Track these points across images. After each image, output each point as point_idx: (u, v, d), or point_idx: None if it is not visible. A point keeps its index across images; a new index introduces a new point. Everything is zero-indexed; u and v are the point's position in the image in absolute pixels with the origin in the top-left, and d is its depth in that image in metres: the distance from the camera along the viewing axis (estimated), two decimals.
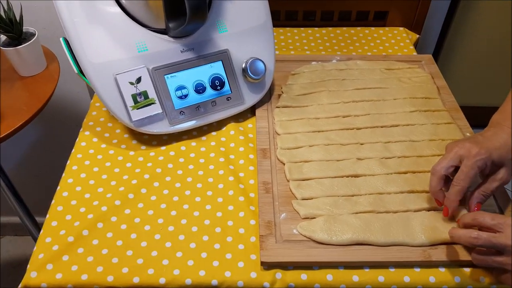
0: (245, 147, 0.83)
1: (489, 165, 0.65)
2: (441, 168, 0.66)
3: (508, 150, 0.66)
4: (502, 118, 0.69)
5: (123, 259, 0.67)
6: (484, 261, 0.60)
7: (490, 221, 0.59)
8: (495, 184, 0.67)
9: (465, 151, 0.65)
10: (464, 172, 0.64)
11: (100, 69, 0.77)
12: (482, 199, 0.67)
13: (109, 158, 0.81)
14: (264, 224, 0.70)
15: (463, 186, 0.64)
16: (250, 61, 0.84)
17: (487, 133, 0.68)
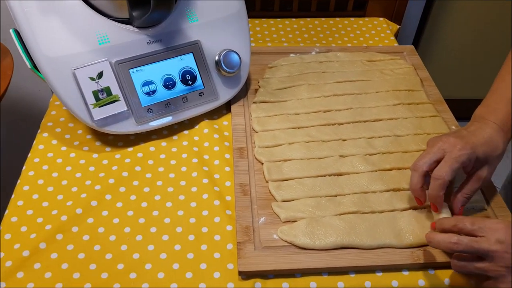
0: (220, 146, 0.77)
1: (472, 162, 0.61)
2: (423, 164, 0.61)
3: (493, 147, 0.62)
4: (486, 112, 0.66)
5: (85, 274, 0.60)
6: (464, 267, 0.55)
7: (470, 226, 0.55)
8: (477, 184, 0.63)
9: (449, 145, 0.61)
10: (447, 164, 0.60)
11: (57, 63, 0.70)
12: (465, 202, 0.63)
13: (70, 162, 0.74)
14: (242, 230, 0.64)
15: (445, 180, 0.59)
16: (223, 53, 0.78)
17: (471, 128, 0.64)
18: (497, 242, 0.52)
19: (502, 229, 0.53)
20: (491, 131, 0.63)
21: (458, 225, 0.56)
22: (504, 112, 0.64)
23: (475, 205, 0.68)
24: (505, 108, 0.64)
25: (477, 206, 0.68)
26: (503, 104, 0.65)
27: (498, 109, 0.65)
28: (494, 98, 0.66)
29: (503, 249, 0.52)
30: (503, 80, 0.67)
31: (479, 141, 0.62)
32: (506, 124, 0.64)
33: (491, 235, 0.53)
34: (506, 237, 0.52)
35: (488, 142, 0.62)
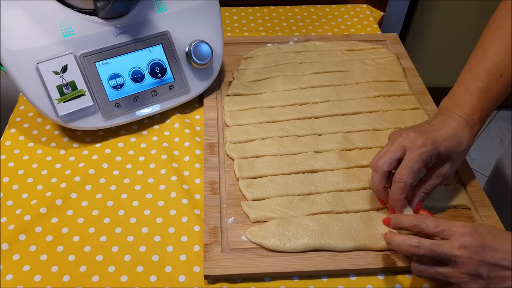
0: (191, 141, 0.74)
1: (434, 159, 0.58)
2: (383, 164, 0.58)
3: (456, 143, 0.59)
4: (451, 104, 0.62)
5: (47, 276, 0.58)
6: (425, 272, 0.53)
7: (433, 228, 0.52)
8: (438, 180, 0.60)
9: (409, 141, 0.58)
10: (407, 166, 0.57)
11: (19, 57, 0.67)
12: (424, 197, 0.60)
13: (36, 158, 0.72)
14: (209, 231, 0.62)
15: (406, 182, 0.56)
16: (194, 44, 0.75)
17: (435, 121, 0.61)
18: (461, 247, 0.50)
19: (468, 233, 0.50)
20: (456, 125, 0.60)
21: (419, 226, 0.53)
22: (470, 104, 0.60)
23: (436, 205, 0.65)
24: (471, 100, 0.61)
25: (438, 206, 0.65)
26: (469, 95, 0.61)
27: (464, 101, 0.61)
28: (460, 89, 0.63)
29: (467, 255, 0.49)
30: (470, 70, 0.63)
31: (441, 136, 0.58)
32: (471, 117, 0.60)
33: (456, 239, 0.50)
34: (471, 242, 0.50)
35: (452, 137, 0.59)
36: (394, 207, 0.58)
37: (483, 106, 0.61)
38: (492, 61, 0.61)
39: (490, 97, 0.61)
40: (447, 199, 0.65)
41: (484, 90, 0.61)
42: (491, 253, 0.49)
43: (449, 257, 0.50)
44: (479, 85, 0.61)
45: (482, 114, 0.61)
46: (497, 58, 0.61)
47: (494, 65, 0.61)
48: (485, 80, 0.61)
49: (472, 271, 0.49)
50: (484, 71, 0.61)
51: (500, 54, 0.61)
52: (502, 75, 0.60)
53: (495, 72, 0.60)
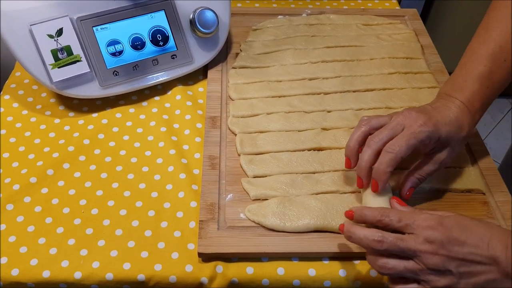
0: (193, 114, 0.70)
1: (433, 142, 0.53)
2: (379, 140, 0.52)
3: (457, 128, 0.54)
4: (452, 89, 0.57)
5: (33, 248, 0.55)
6: (393, 269, 0.47)
7: (396, 223, 0.47)
8: (434, 166, 0.55)
9: (410, 120, 0.53)
10: (404, 138, 0.51)
11: (11, 18, 0.64)
12: (417, 183, 0.55)
13: (30, 127, 0.68)
14: (206, 207, 0.58)
15: (397, 155, 0.51)
16: (199, 11, 0.71)
17: (437, 104, 0.56)
18: (425, 241, 0.45)
19: (433, 226, 0.45)
20: (457, 110, 0.55)
21: (383, 221, 0.48)
22: (472, 90, 0.55)
23: (450, 188, 0.60)
24: (473, 86, 0.56)
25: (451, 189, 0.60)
26: (471, 81, 0.56)
27: (465, 86, 0.56)
28: (462, 73, 0.57)
29: (432, 250, 0.45)
30: (473, 53, 0.57)
31: (443, 120, 0.54)
32: (473, 104, 0.55)
33: (420, 233, 0.45)
34: (436, 235, 0.45)
35: (453, 122, 0.54)
36: (377, 180, 0.52)
37: (485, 93, 0.56)
38: (495, 44, 0.55)
39: (493, 83, 0.56)
40: (461, 182, 0.61)
41: (486, 76, 0.55)
42: (457, 247, 0.45)
43: (414, 253, 0.45)
44: (481, 70, 0.56)
45: (484, 101, 0.56)
46: (501, 41, 0.55)
47: (498, 48, 0.55)
48: (488, 64, 0.55)
49: (440, 266, 0.45)
50: (487, 55, 0.56)
51: (505, 36, 0.55)
52: (506, 59, 0.55)
53: (499, 56, 0.55)
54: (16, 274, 0.53)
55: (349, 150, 0.55)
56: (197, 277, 0.54)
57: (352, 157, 0.55)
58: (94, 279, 0.53)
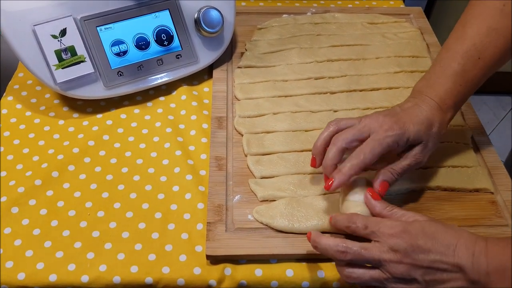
0: (198, 115, 0.70)
1: (402, 144, 0.53)
2: (343, 140, 0.53)
3: (426, 126, 0.53)
4: (425, 86, 0.56)
5: (39, 252, 0.55)
6: (359, 279, 0.46)
7: (363, 230, 0.47)
8: (406, 162, 0.54)
9: (376, 124, 0.53)
10: (369, 145, 0.51)
11: (15, 18, 0.63)
12: (390, 178, 0.54)
13: (34, 128, 0.68)
14: (213, 209, 0.57)
15: (363, 161, 0.51)
16: (203, 11, 0.70)
17: (407, 105, 0.55)
18: (390, 250, 0.45)
19: (397, 234, 0.45)
20: (428, 109, 0.54)
21: (350, 227, 0.48)
22: (445, 88, 0.54)
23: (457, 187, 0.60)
24: (446, 83, 0.55)
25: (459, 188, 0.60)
26: (444, 78, 0.55)
27: (438, 83, 0.55)
28: (435, 70, 0.56)
29: (397, 259, 0.44)
30: (448, 50, 0.56)
31: (412, 121, 0.53)
32: (445, 102, 0.54)
33: (385, 241, 0.45)
34: (400, 244, 0.44)
35: (423, 121, 0.53)
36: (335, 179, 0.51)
37: (458, 91, 0.55)
38: (471, 41, 0.54)
39: (466, 81, 0.55)
40: (469, 182, 0.60)
41: (460, 73, 0.54)
42: (422, 255, 0.44)
43: (379, 262, 0.45)
44: (455, 68, 0.55)
45: (457, 100, 0.55)
46: (477, 39, 0.54)
47: (473, 46, 0.54)
48: (462, 62, 0.54)
49: (405, 275, 0.44)
50: (462, 52, 0.55)
51: (480, 34, 0.54)
52: (480, 57, 0.54)
53: (473, 53, 0.54)
54: (22, 278, 0.53)
55: (316, 149, 0.55)
56: (206, 279, 0.53)
57: (318, 156, 0.55)
58: (101, 282, 0.53)
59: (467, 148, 0.64)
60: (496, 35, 0.53)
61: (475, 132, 0.66)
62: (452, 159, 0.62)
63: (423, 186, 0.60)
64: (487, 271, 0.42)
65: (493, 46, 0.54)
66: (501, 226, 0.56)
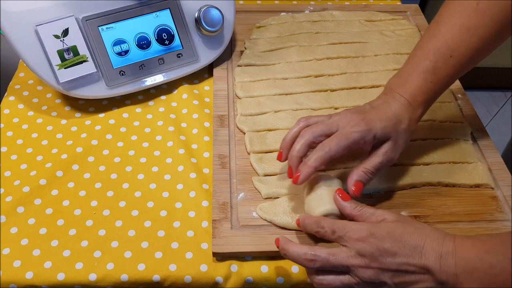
0: (200, 113, 0.70)
1: (369, 140, 0.53)
2: (311, 133, 0.53)
3: (395, 122, 0.54)
4: (397, 83, 0.56)
5: (46, 251, 0.55)
6: (329, 285, 0.47)
7: (331, 235, 0.47)
8: (378, 159, 0.54)
9: (345, 121, 0.54)
10: (336, 138, 0.52)
11: (17, 19, 0.63)
12: (364, 177, 0.54)
13: (36, 128, 0.68)
14: (218, 207, 0.58)
15: (328, 153, 0.52)
16: (204, 10, 0.70)
17: (377, 102, 0.56)
18: (357, 254, 0.45)
19: (364, 239, 0.45)
20: (397, 106, 0.54)
21: (319, 232, 0.48)
22: (415, 85, 0.55)
23: (458, 183, 0.61)
24: (416, 80, 0.55)
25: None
26: (415, 75, 0.55)
27: (409, 80, 0.55)
28: (408, 67, 0.56)
29: (365, 263, 0.45)
30: (421, 47, 0.56)
31: (379, 117, 0.54)
32: (415, 98, 0.55)
33: (352, 246, 0.46)
34: (367, 248, 0.45)
35: (391, 117, 0.54)
36: (301, 172, 0.52)
37: (429, 88, 0.55)
38: (443, 39, 0.54)
39: (437, 78, 0.55)
40: (469, 178, 0.61)
41: (431, 71, 0.55)
42: (390, 259, 0.44)
43: (347, 267, 0.46)
44: (426, 65, 0.55)
45: (427, 96, 0.55)
46: (449, 36, 0.54)
47: (445, 44, 0.54)
48: (434, 59, 0.55)
49: (374, 279, 0.45)
50: (434, 50, 0.55)
51: (452, 32, 0.54)
52: (452, 55, 0.54)
53: (445, 51, 0.54)
54: (30, 277, 0.53)
55: (284, 143, 0.56)
56: (212, 276, 0.54)
57: (285, 150, 0.56)
58: (109, 280, 0.53)
59: (467, 144, 0.65)
60: (468, 34, 0.53)
61: (474, 128, 0.68)
62: (453, 155, 0.63)
63: (424, 182, 0.61)
64: (455, 272, 0.42)
65: (465, 45, 0.54)
66: (502, 221, 0.58)
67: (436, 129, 0.67)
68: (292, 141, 0.56)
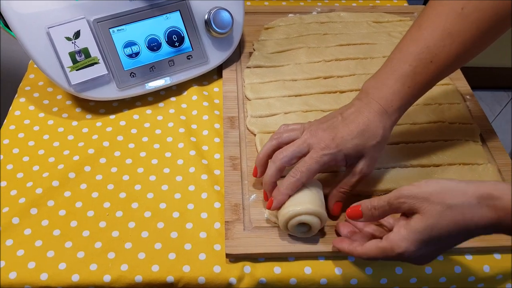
0: (210, 115, 0.71)
1: (340, 160, 0.54)
2: (284, 158, 0.54)
3: (368, 137, 0.53)
4: (373, 87, 0.55)
5: (60, 252, 0.56)
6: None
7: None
8: (354, 178, 0.55)
9: (315, 140, 0.53)
10: (306, 164, 0.53)
11: (29, 21, 0.63)
12: (342, 197, 0.55)
13: (48, 129, 0.68)
14: (230, 208, 0.58)
15: (299, 180, 0.52)
16: (214, 12, 0.71)
17: (349, 111, 0.55)
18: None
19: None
20: (370, 116, 0.53)
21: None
22: (392, 89, 0.53)
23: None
24: (394, 84, 0.53)
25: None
26: (393, 79, 0.53)
27: (386, 84, 0.54)
28: (386, 70, 0.55)
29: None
30: (401, 50, 0.54)
31: (350, 133, 0.53)
32: (390, 104, 0.53)
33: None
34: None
35: (363, 132, 0.53)
36: (275, 198, 0.54)
37: (406, 93, 0.53)
38: (424, 44, 0.52)
39: (415, 83, 0.53)
40: (479, 179, 0.62)
41: (410, 75, 0.53)
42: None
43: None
44: (406, 69, 0.53)
45: (403, 102, 0.54)
46: (431, 41, 0.52)
47: (426, 49, 0.52)
48: (414, 64, 0.53)
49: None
50: (415, 54, 0.53)
51: (434, 36, 0.52)
52: (433, 61, 0.52)
53: (426, 56, 0.52)
54: (45, 278, 0.53)
55: (258, 160, 0.58)
56: (226, 277, 0.54)
57: (259, 167, 0.58)
58: (123, 282, 0.54)
59: (476, 146, 0.65)
60: (450, 39, 0.52)
61: (483, 130, 0.68)
62: (463, 156, 0.64)
63: None
64: None
65: (447, 50, 0.52)
66: None
67: (445, 131, 0.67)
68: (265, 158, 0.57)
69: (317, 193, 0.55)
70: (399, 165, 0.63)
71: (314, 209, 0.52)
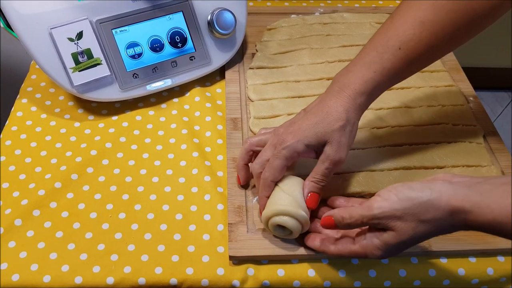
0: (213, 116, 0.70)
1: (303, 151, 0.53)
2: (253, 142, 0.58)
3: (329, 123, 0.53)
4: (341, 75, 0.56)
5: (63, 254, 0.55)
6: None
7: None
8: (323, 166, 0.54)
9: (276, 137, 0.55)
10: (269, 162, 0.54)
11: (31, 21, 0.63)
12: (315, 187, 0.54)
13: (50, 130, 0.68)
14: (234, 210, 0.58)
15: (267, 178, 0.54)
16: (216, 13, 0.70)
17: (312, 105, 0.56)
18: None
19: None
20: (331, 102, 0.54)
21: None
22: (357, 75, 0.53)
23: None
24: (359, 70, 0.53)
25: None
26: (359, 65, 0.54)
27: (352, 71, 0.54)
28: (355, 60, 0.55)
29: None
30: (371, 41, 0.55)
31: (309, 123, 0.53)
32: (354, 88, 0.53)
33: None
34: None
35: (323, 120, 0.53)
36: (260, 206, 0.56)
37: (371, 77, 0.53)
38: (394, 32, 0.53)
39: (382, 69, 0.53)
40: None
41: (377, 61, 0.53)
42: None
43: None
44: (373, 55, 0.53)
45: (368, 86, 0.53)
46: (401, 29, 0.52)
47: (395, 36, 0.53)
48: (381, 50, 0.53)
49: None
50: (383, 41, 0.53)
51: (405, 25, 0.52)
52: (401, 47, 0.52)
53: (394, 43, 0.52)
54: (48, 280, 0.53)
55: (238, 168, 0.60)
56: (229, 280, 0.54)
57: (240, 173, 0.60)
58: (126, 284, 0.54)
59: (480, 147, 0.65)
60: (421, 28, 0.51)
61: (486, 131, 0.68)
62: (466, 158, 0.63)
63: None
64: None
65: (416, 39, 0.52)
66: None
67: (448, 132, 0.67)
68: (241, 164, 0.59)
69: (291, 192, 0.54)
70: (403, 166, 0.63)
71: (281, 209, 0.52)
